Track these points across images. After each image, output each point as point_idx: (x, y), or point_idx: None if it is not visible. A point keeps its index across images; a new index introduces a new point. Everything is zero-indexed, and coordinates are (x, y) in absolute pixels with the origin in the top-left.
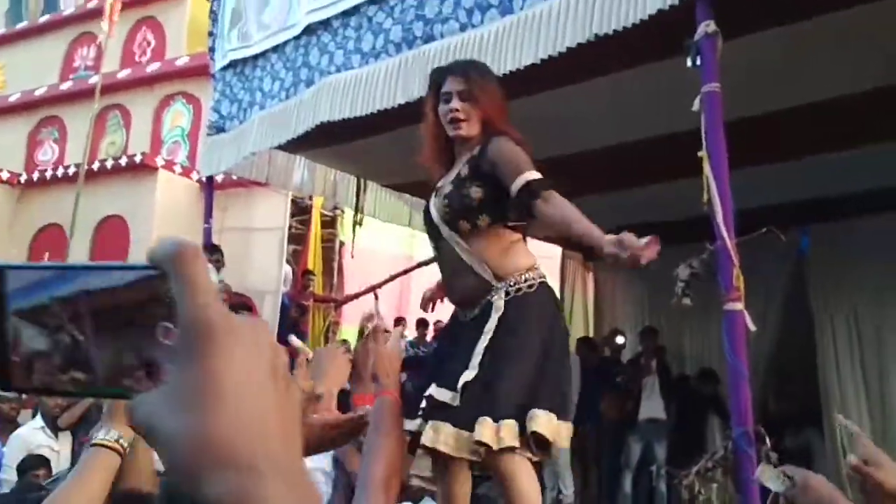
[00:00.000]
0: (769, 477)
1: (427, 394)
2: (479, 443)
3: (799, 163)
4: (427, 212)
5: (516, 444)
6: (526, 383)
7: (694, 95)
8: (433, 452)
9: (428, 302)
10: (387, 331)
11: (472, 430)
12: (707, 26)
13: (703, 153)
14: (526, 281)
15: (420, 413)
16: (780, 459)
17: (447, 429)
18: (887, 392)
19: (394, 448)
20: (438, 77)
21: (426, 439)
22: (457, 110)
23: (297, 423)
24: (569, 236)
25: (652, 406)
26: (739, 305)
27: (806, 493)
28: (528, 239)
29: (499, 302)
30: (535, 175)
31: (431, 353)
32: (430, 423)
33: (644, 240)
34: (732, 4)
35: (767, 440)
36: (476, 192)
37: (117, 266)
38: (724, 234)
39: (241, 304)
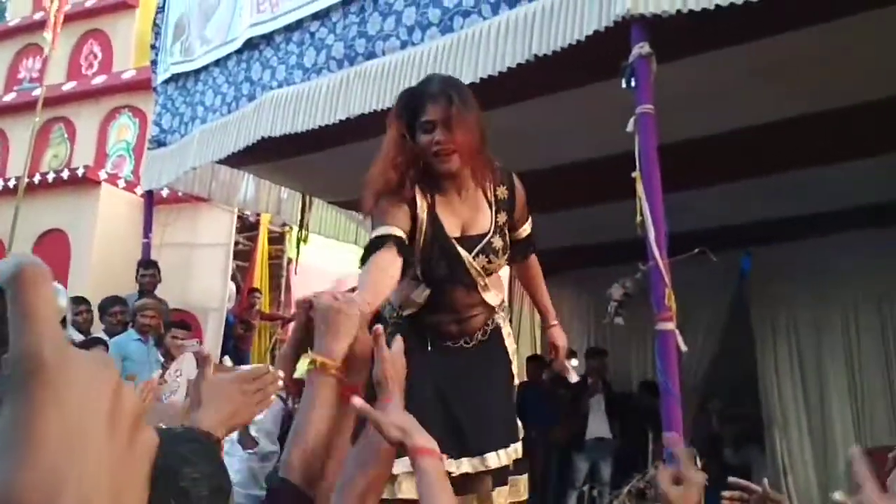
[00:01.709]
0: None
1: (499, 461)
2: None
3: (738, 185)
4: (455, 265)
5: None
6: None
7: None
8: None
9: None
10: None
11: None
12: (641, 48)
13: (636, 174)
14: (504, 303)
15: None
16: (722, 476)
17: (522, 480)
18: (827, 411)
19: (383, 477)
20: (414, 101)
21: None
22: (443, 142)
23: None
24: (533, 293)
25: (598, 425)
26: (671, 325)
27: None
28: None
29: (506, 324)
30: (531, 225)
31: (421, 381)
32: (511, 479)
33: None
34: (668, 28)
35: (698, 460)
36: (507, 235)
37: None
38: (657, 254)
39: (179, 321)
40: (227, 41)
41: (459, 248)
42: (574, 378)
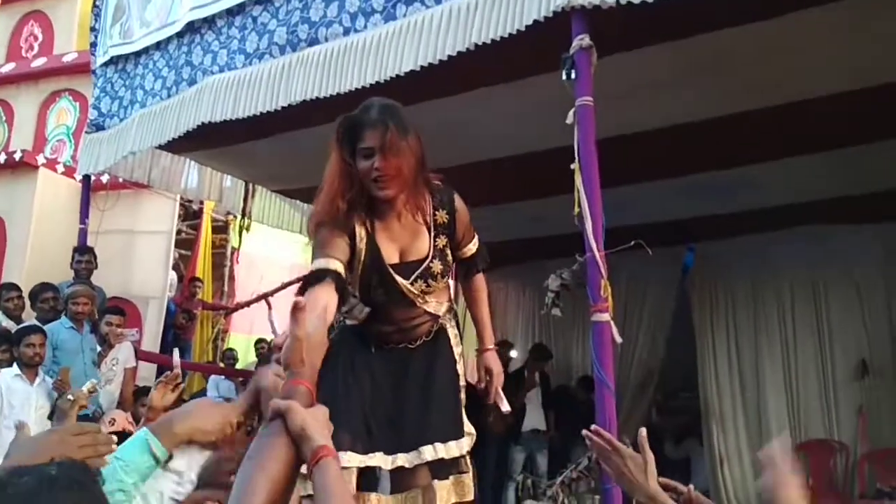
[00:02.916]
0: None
1: (435, 454)
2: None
3: (678, 181)
4: (392, 292)
5: None
6: None
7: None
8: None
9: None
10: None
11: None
12: (581, 40)
13: (575, 165)
14: (454, 309)
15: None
16: (661, 470)
17: (467, 478)
18: (763, 405)
19: (291, 461)
20: (353, 128)
21: (449, 496)
22: (381, 168)
23: None
24: (473, 314)
25: (534, 418)
26: (606, 316)
27: None
28: None
29: (452, 327)
30: (478, 242)
31: (360, 375)
32: (452, 478)
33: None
34: (608, 20)
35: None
36: (450, 255)
37: None
38: (594, 245)
39: (113, 308)
40: (168, 23)
41: (396, 276)
42: (506, 407)
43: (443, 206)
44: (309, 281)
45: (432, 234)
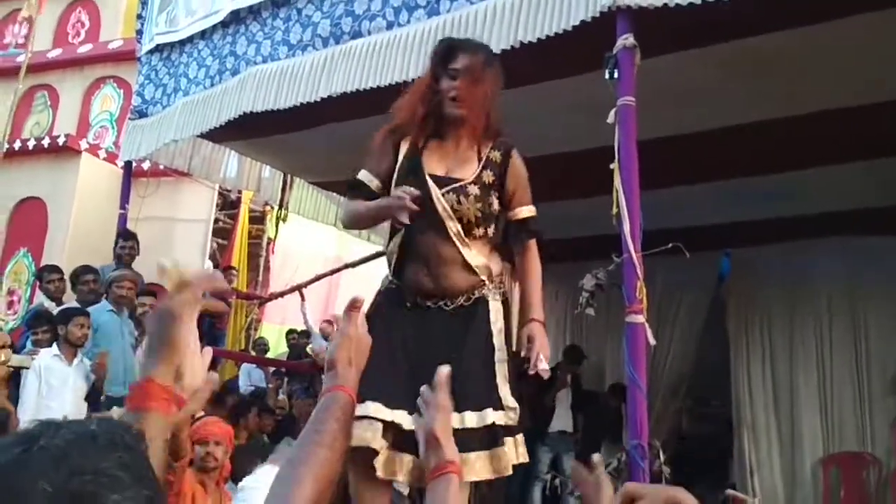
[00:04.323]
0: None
1: (462, 423)
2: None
3: (718, 185)
4: (422, 194)
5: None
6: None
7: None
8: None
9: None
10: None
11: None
12: (625, 39)
13: (614, 165)
14: (503, 287)
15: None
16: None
17: (505, 451)
18: (797, 415)
19: (335, 462)
20: (447, 50)
21: (486, 470)
22: (460, 88)
23: None
24: (522, 286)
25: (562, 419)
26: (641, 318)
27: None
28: None
29: (496, 303)
30: (533, 210)
31: (391, 333)
32: (491, 451)
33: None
34: (653, 22)
35: (661, 454)
36: (496, 202)
37: None
38: (631, 246)
39: (146, 290)
40: (211, 13)
41: (431, 182)
42: (547, 375)
43: (499, 148)
44: (350, 187)
45: (481, 165)
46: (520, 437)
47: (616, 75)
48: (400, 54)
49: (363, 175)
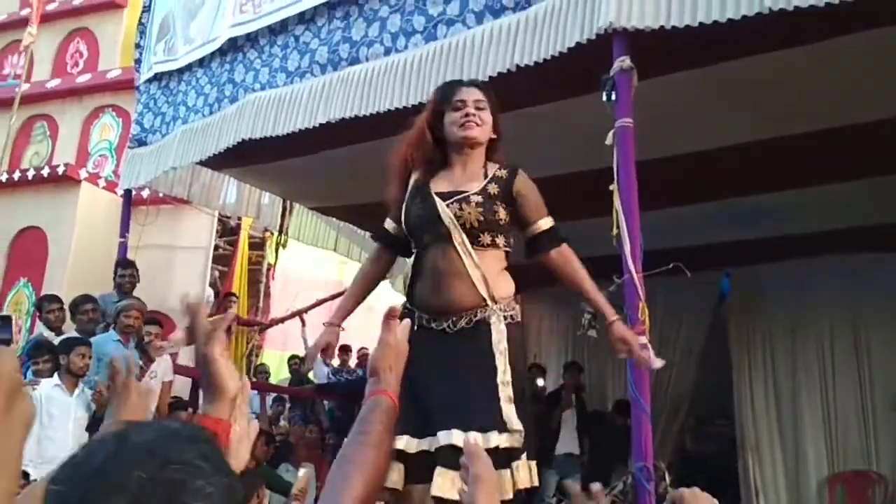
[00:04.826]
0: None
1: (450, 440)
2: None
3: (716, 205)
4: (428, 209)
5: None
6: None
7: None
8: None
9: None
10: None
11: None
12: (622, 62)
13: (614, 187)
14: (513, 309)
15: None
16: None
17: (508, 475)
18: (800, 434)
19: (380, 465)
20: (449, 89)
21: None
22: (474, 114)
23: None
24: (575, 286)
25: (568, 441)
26: (644, 339)
27: None
28: None
29: (499, 324)
30: (552, 221)
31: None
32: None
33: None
34: (649, 44)
35: (667, 476)
36: (503, 213)
37: None
38: (632, 267)
39: (150, 319)
40: (209, 41)
41: (435, 196)
42: (657, 364)
43: (504, 167)
44: (373, 238)
45: (487, 180)
46: (531, 462)
47: (613, 97)
48: (398, 80)
49: (388, 224)
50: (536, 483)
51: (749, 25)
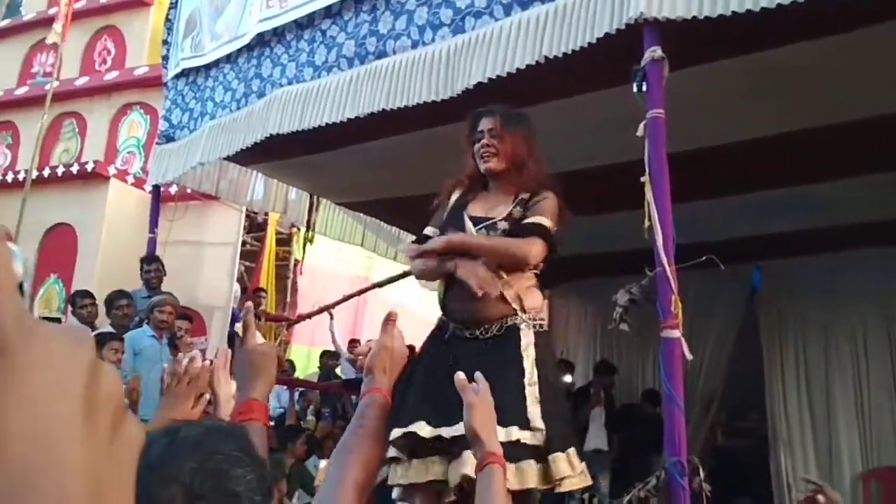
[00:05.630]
0: None
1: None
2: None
3: (748, 197)
4: (459, 223)
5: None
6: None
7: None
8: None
9: None
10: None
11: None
12: (653, 52)
13: (645, 178)
14: (542, 320)
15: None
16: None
17: (532, 467)
18: (833, 430)
19: (376, 453)
20: (473, 120)
21: (511, 483)
22: (489, 145)
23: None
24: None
25: (597, 438)
26: (677, 333)
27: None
28: None
29: (528, 331)
30: (546, 222)
31: (424, 366)
32: (514, 464)
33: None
34: (681, 34)
35: (701, 471)
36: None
37: None
38: (664, 260)
39: (180, 314)
40: (237, 37)
41: (467, 220)
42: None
43: (537, 193)
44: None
45: (514, 205)
46: (573, 459)
47: (644, 88)
48: (426, 73)
49: (427, 230)
50: (589, 482)
51: (780, 14)
